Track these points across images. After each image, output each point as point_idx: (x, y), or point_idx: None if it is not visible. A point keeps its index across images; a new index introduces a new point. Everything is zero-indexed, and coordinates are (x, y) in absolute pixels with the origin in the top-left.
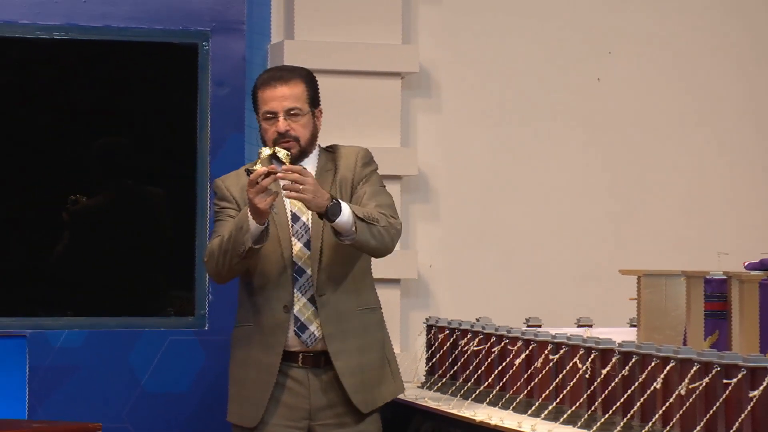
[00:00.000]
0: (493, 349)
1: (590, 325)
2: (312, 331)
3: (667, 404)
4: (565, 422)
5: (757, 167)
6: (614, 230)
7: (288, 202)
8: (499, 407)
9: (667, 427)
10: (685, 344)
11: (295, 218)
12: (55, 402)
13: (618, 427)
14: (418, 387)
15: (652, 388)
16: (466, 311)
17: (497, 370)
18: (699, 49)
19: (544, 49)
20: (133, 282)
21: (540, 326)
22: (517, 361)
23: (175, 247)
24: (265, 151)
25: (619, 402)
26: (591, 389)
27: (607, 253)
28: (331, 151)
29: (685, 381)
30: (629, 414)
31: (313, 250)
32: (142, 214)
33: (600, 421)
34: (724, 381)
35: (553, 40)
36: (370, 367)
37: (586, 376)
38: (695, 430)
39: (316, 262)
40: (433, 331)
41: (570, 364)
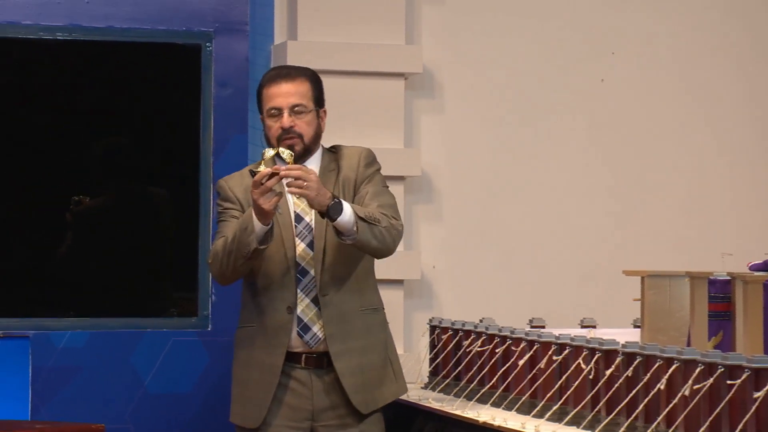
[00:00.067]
0: (497, 350)
1: (594, 326)
2: (315, 332)
3: (671, 405)
4: (568, 423)
5: (761, 168)
6: (618, 231)
7: (291, 203)
8: (503, 408)
9: (671, 428)
10: (689, 345)
11: (298, 219)
12: (57, 403)
13: (622, 428)
14: (422, 388)
15: (656, 389)
16: (470, 312)
17: (501, 371)
18: (702, 49)
19: (548, 50)
20: (136, 283)
21: (543, 327)
22: (521, 362)
23: (178, 248)
24: (269, 152)
25: (623, 403)
26: (595, 390)
27: (610, 253)
28: (334, 151)
29: (689, 382)
30: (633, 415)
31: (316, 250)
32: (145, 215)
33: (604, 422)
34: (729, 382)
35: (556, 41)
36: (371, 368)
37: (590, 377)
38: (699, 431)
39: (319, 263)
40: (436, 332)
41: (574, 365)
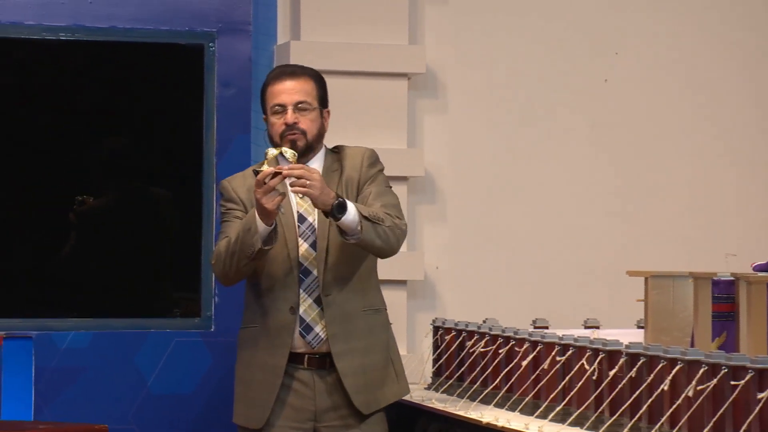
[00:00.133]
0: (500, 351)
1: (597, 327)
2: (317, 332)
3: (675, 406)
4: (572, 424)
5: (765, 168)
6: (621, 231)
7: (294, 203)
8: (506, 409)
9: (675, 429)
10: (692, 346)
11: (301, 219)
12: (61, 403)
13: (625, 429)
14: (425, 388)
15: (660, 390)
16: (473, 312)
17: (504, 372)
18: (706, 49)
19: (551, 50)
20: (139, 283)
21: (547, 328)
22: (524, 363)
23: (181, 249)
24: (272, 152)
25: (627, 404)
26: (598, 391)
27: (614, 254)
28: (337, 151)
29: (693, 383)
30: (637, 416)
31: (318, 250)
32: (148, 215)
33: (607, 423)
34: (732, 383)
35: (560, 41)
36: (373, 368)
37: (594, 378)
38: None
39: (322, 262)
40: (439, 333)
41: (577, 366)
